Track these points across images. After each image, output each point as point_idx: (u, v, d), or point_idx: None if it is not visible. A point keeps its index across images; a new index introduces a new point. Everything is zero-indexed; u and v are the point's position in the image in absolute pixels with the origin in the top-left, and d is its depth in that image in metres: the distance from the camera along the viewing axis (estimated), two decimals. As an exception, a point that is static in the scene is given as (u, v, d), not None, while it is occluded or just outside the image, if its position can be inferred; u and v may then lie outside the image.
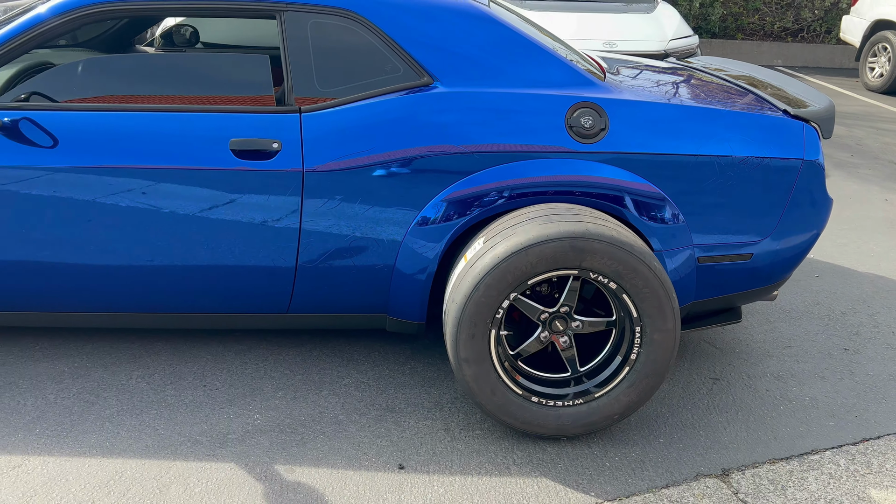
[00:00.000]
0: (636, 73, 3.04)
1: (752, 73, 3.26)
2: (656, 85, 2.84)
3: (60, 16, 2.41)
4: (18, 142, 2.37)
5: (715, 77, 3.13)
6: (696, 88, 2.87)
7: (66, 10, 2.41)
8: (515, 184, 2.43)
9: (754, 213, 2.57)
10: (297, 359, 2.79)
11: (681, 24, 5.95)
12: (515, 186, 2.43)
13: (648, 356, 2.29)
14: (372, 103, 2.44)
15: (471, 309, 2.21)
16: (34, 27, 2.40)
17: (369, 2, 2.49)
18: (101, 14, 2.43)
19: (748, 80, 3.06)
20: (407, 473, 2.22)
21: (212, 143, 2.39)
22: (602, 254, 2.19)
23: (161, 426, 2.37)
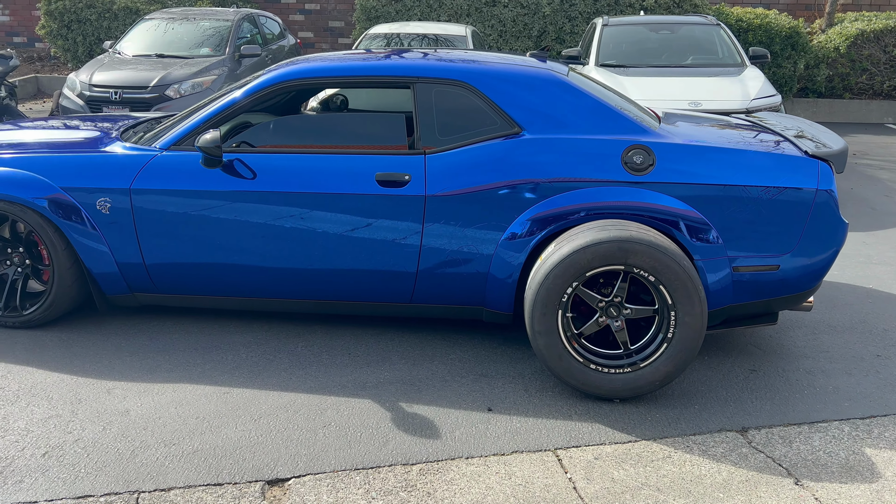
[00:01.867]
0: (690, 123, 3.78)
1: (798, 125, 3.91)
2: (702, 132, 3.57)
3: (274, 85, 3.49)
4: (231, 174, 3.43)
5: (760, 127, 3.82)
6: (736, 135, 3.58)
7: (274, 82, 3.49)
8: (582, 206, 3.23)
9: (779, 231, 3.22)
10: (417, 339, 3.65)
11: (764, 86, 6.56)
12: (582, 208, 3.22)
13: (682, 335, 2.98)
14: (476, 147, 3.34)
15: (543, 293, 3.01)
16: (253, 94, 3.48)
17: (476, 74, 3.42)
18: (296, 85, 3.49)
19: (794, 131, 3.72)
20: (493, 414, 3.01)
21: (364, 175, 3.36)
22: (642, 254, 2.94)
23: (320, 376, 3.29)
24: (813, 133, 3.69)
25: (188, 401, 3.06)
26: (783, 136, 3.60)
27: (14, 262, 3.72)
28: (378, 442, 2.79)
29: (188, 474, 2.58)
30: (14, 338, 3.60)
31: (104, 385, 3.17)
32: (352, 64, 3.55)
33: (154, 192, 3.45)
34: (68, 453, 2.69)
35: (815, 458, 2.74)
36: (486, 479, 2.59)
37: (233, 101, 3.51)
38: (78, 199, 3.50)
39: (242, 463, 2.65)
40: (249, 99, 3.49)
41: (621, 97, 3.83)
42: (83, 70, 8.05)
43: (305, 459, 2.68)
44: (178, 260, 3.52)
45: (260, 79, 3.55)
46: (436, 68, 3.47)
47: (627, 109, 3.54)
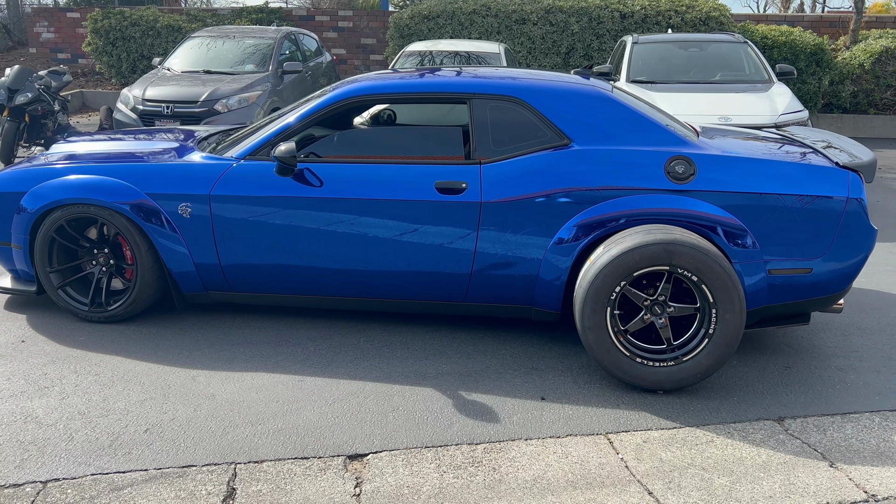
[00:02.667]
0: (726, 136, 4.04)
1: (827, 138, 4.15)
2: (738, 144, 3.82)
3: (342, 100, 3.80)
4: (302, 183, 3.73)
5: (794, 140, 4.07)
6: (770, 147, 3.83)
7: (342, 98, 3.80)
8: (627, 212, 3.49)
9: (811, 237, 3.46)
10: (469, 336, 3.92)
11: (791, 101, 6.79)
12: (627, 214, 3.49)
13: (722, 331, 3.23)
14: (528, 157, 3.62)
15: (593, 292, 3.27)
16: (322, 109, 3.80)
17: (528, 91, 3.71)
18: (362, 101, 3.80)
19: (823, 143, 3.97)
20: (546, 402, 3.27)
21: (424, 183, 3.65)
22: (686, 255, 3.19)
23: (383, 367, 3.57)
24: (841, 145, 3.93)
25: (267, 387, 3.35)
26: (813, 149, 3.85)
27: (100, 262, 4.05)
28: (444, 424, 3.06)
29: (276, 449, 2.86)
30: (101, 331, 3.92)
31: (188, 373, 3.47)
32: (413, 81, 3.86)
33: (231, 198, 3.76)
34: (167, 430, 2.98)
35: (848, 445, 2.97)
36: (545, 458, 2.84)
37: (304, 115, 3.82)
38: (161, 204, 3.82)
39: (324, 440, 2.93)
40: (319, 113, 3.80)
41: (661, 112, 4.10)
42: (136, 85, 8.46)
43: (380, 438, 2.95)
44: (251, 261, 3.83)
45: (326, 95, 3.86)
46: (490, 85, 3.76)
47: (669, 123, 3.81)
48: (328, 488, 2.64)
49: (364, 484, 2.67)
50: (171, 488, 2.61)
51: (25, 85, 8.47)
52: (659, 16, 11.33)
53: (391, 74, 4.08)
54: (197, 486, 2.62)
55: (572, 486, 2.67)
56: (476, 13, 11.57)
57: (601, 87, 3.83)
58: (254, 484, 2.65)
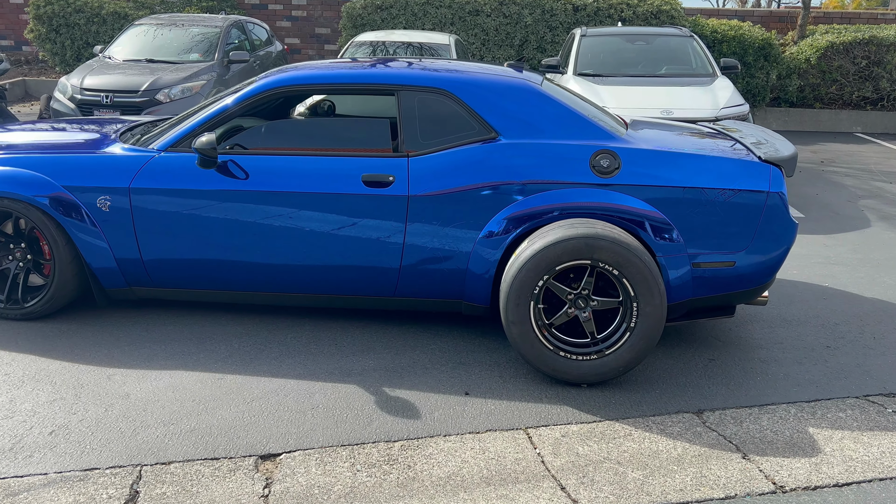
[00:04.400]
0: (655, 129, 4.05)
1: (755, 133, 4.19)
2: (665, 138, 3.84)
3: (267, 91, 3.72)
4: (225, 175, 3.64)
5: (721, 134, 4.10)
6: (697, 141, 3.85)
7: (266, 88, 3.72)
8: (554, 206, 3.48)
9: (734, 230, 3.49)
10: (400, 331, 3.89)
11: (733, 96, 6.87)
12: (554, 208, 3.48)
13: (643, 325, 3.24)
14: (455, 151, 3.58)
15: (517, 286, 3.26)
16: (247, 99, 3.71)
17: (456, 83, 3.67)
18: (287, 91, 3.72)
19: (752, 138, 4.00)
20: (470, 397, 3.25)
21: (350, 176, 3.59)
22: (607, 249, 3.19)
23: (308, 364, 3.51)
24: (768, 140, 3.97)
25: (184, 385, 3.27)
26: (741, 143, 3.88)
27: (16, 258, 3.91)
28: (363, 422, 3.02)
29: (186, 449, 2.79)
30: (16, 329, 3.79)
31: (104, 371, 3.37)
32: (340, 72, 3.79)
33: (152, 191, 3.66)
34: (74, 431, 2.89)
35: (763, 436, 3.00)
36: (462, 454, 2.82)
37: (226, 106, 3.73)
38: (79, 197, 3.70)
39: (237, 440, 2.86)
40: (243, 104, 3.72)
41: (593, 105, 4.10)
42: (74, 74, 8.22)
43: (295, 437, 2.90)
44: (174, 256, 3.73)
45: (252, 85, 3.78)
46: (419, 77, 3.71)
47: (596, 117, 3.81)
48: (236, 489, 2.58)
49: (274, 484, 2.62)
50: (71, 493, 2.53)
51: (-43, 73, 8.17)
52: (611, 8, 11.38)
53: (320, 64, 4.01)
54: (98, 490, 2.54)
55: (486, 483, 2.66)
56: (429, 4, 11.49)
57: (531, 81, 3.81)
58: (158, 486, 2.58)
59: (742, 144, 3.86)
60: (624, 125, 3.96)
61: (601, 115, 3.92)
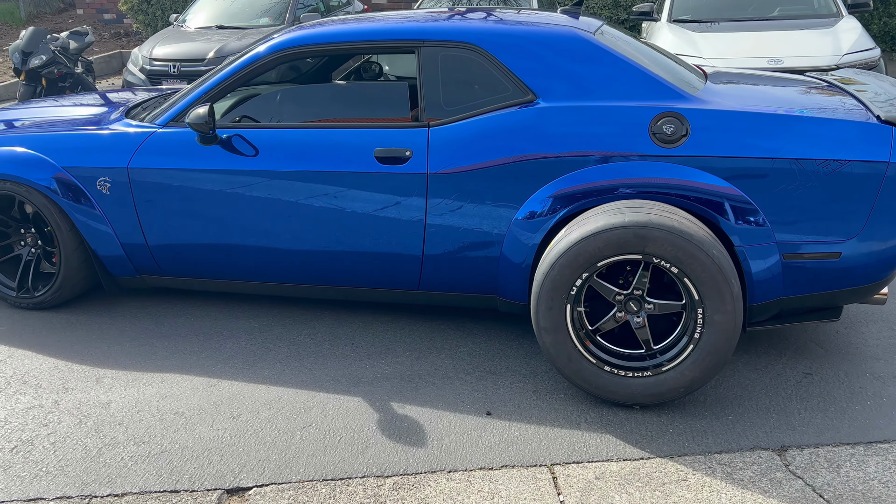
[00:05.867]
0: (744, 84, 3.26)
1: (882, 86, 3.31)
2: (752, 94, 3.05)
3: (271, 55, 3.23)
4: (229, 151, 3.21)
5: (832, 87, 3.25)
6: (795, 96, 3.04)
7: (269, 52, 3.23)
8: (603, 184, 2.82)
9: (839, 213, 2.71)
10: (427, 330, 3.37)
11: (860, 39, 5.76)
12: (603, 186, 2.82)
13: (710, 336, 2.55)
14: (484, 118, 2.97)
15: (548, 285, 2.65)
16: (248, 66, 3.24)
17: (486, 35, 3.05)
18: (293, 54, 3.22)
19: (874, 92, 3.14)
20: (492, 419, 2.69)
21: (363, 151, 3.06)
22: (662, 241, 2.52)
23: (315, 369, 3.07)
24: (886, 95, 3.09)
25: (173, 394, 2.90)
26: (856, 98, 3.04)
27: (27, 243, 3.68)
28: (357, 448, 2.54)
29: (147, 478, 2.41)
30: (26, 320, 3.57)
31: (95, 373, 3.07)
32: (352, 28, 3.24)
33: (151, 170, 3.29)
34: (37, 449, 2.58)
35: (867, 489, 2.28)
36: (465, 499, 2.29)
37: (227, 73, 3.28)
38: (79, 178, 3.39)
39: (207, 467, 2.46)
40: (245, 71, 3.25)
41: (668, 57, 3.35)
42: (146, 44, 8.11)
43: (274, 466, 2.46)
44: (179, 241, 3.37)
45: (255, 49, 3.30)
46: (441, 30, 3.11)
47: (668, 70, 3.07)
48: (185, 535, 2.18)
49: (232, 530, 2.19)
50: (2, 531, 2.21)
51: (39, 47, 8.24)
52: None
53: (333, 21, 3.47)
54: (32, 529, 2.21)
55: (487, 542, 2.12)
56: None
57: (581, 29, 3.12)
58: (100, 527, 2.22)
59: (858, 100, 3.02)
60: (704, 78, 3.20)
61: (674, 69, 3.17)
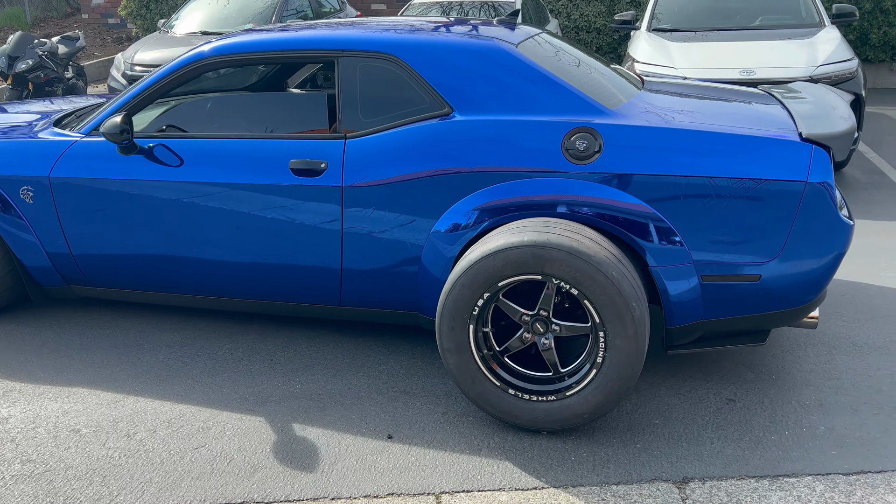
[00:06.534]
0: (675, 96, 3.16)
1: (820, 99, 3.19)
2: (679, 107, 2.95)
3: (189, 65, 3.18)
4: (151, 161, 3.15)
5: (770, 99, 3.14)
6: (722, 111, 2.93)
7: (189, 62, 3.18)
8: (515, 201, 2.73)
9: (757, 234, 2.60)
10: (351, 346, 3.29)
11: (837, 50, 5.60)
12: (515, 203, 2.73)
13: (613, 360, 2.45)
14: (401, 131, 2.89)
15: (450, 305, 2.56)
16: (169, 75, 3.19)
17: (405, 46, 2.97)
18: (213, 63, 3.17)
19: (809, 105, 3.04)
20: (392, 442, 2.60)
21: (278, 163, 3.00)
22: (560, 262, 2.42)
23: (227, 386, 3.00)
24: (833, 109, 2.98)
25: (75, 409, 2.84)
26: (790, 113, 2.93)
27: (-42, 252, 3.65)
28: (245, 472, 2.46)
29: (23, 499, 2.34)
30: (-47, 329, 3.54)
31: (4, 386, 3.02)
32: (272, 38, 3.18)
33: (72, 179, 3.24)
34: (-78, 465, 2.53)
35: (763, 528, 2.17)
36: (341, 528, 2.21)
37: (147, 84, 3.22)
38: (3, 187, 3.35)
39: (86, 489, 2.38)
40: (164, 81, 3.19)
41: (608, 67, 3.26)
42: (130, 49, 8.12)
43: (155, 489, 2.39)
44: (101, 251, 3.32)
45: (177, 59, 3.25)
46: (361, 40, 3.04)
47: (591, 84, 2.98)
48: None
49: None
50: None
51: (26, 52, 8.30)
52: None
53: (257, 30, 3.41)
54: None
55: (352, 576, 2.03)
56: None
57: (504, 41, 3.03)
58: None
59: (790, 114, 2.91)
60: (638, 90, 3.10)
61: (602, 82, 3.08)
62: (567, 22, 10.67)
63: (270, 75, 3.80)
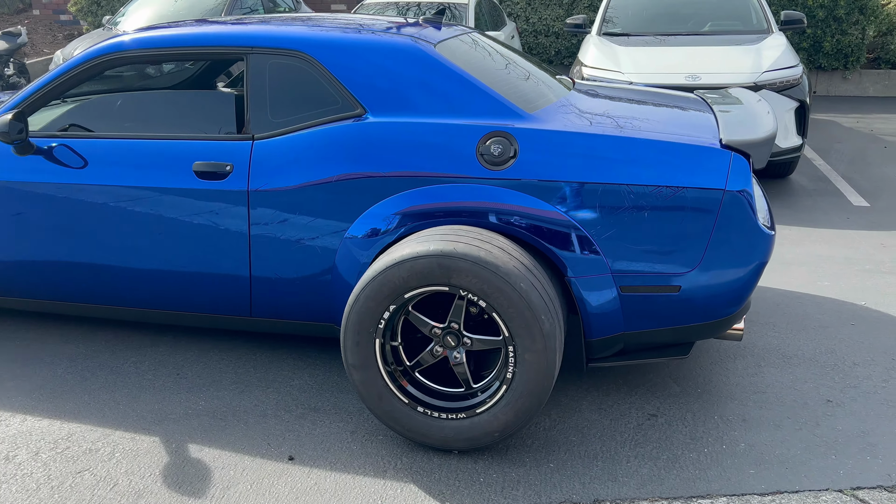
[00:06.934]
0: (601, 100, 3.06)
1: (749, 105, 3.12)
2: (604, 113, 2.84)
3: (87, 62, 3.01)
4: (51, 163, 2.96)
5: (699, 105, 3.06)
6: (645, 116, 2.83)
7: (89, 58, 3.00)
8: (426, 208, 2.60)
9: (675, 243, 2.50)
10: (265, 359, 3.12)
11: (783, 56, 5.58)
12: (426, 210, 2.59)
13: (522, 376, 2.33)
14: (310, 133, 2.75)
15: (354, 318, 2.41)
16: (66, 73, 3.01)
17: (318, 44, 2.82)
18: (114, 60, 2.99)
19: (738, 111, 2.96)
20: (293, 464, 2.45)
21: (182, 165, 2.83)
22: (467, 272, 2.29)
23: (125, 402, 2.82)
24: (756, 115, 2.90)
25: (-44, 429, 2.65)
26: (716, 119, 2.84)
27: None
28: (127, 499, 2.29)
29: None
30: None
31: None
32: (177, 34, 3.01)
33: (-35, 183, 3.04)
34: None
35: (671, 555, 2.06)
36: (223, 560, 2.05)
37: (44, 82, 3.03)
38: None
39: (-50, 518, 2.21)
40: (62, 79, 3.00)
41: (539, 69, 3.16)
42: (69, 46, 7.87)
43: (26, 517, 2.21)
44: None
45: (77, 56, 3.06)
46: (271, 37, 2.88)
47: (512, 86, 2.86)
48: None
49: None
50: None
51: (-39, 48, 8.01)
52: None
53: (163, 26, 3.23)
54: None
55: None
56: (469, -39, 10.46)
57: (422, 40, 2.90)
58: None
59: (716, 120, 2.83)
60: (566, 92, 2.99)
61: (525, 84, 2.96)
62: (525, 25, 10.61)
63: (182, 73, 3.63)
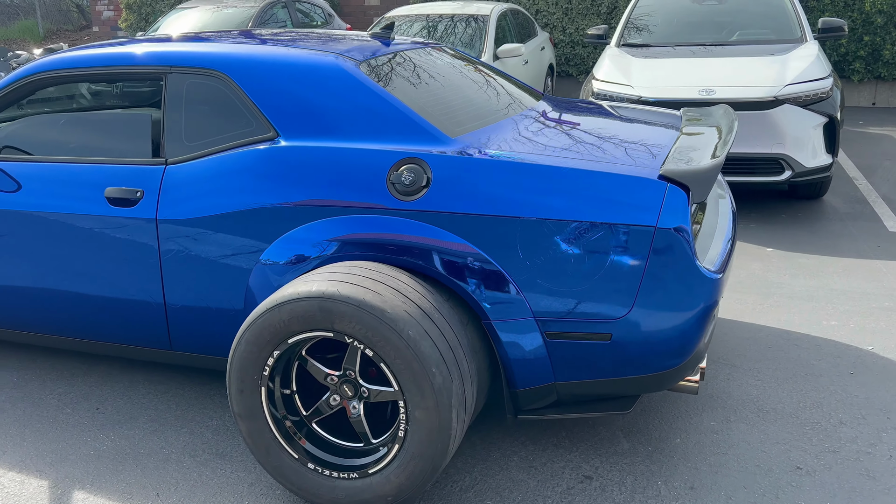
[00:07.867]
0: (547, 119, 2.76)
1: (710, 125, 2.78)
2: (541, 134, 2.55)
3: (14, 83, 2.92)
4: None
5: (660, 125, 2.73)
6: (589, 140, 2.52)
7: (15, 79, 2.91)
8: (335, 240, 2.37)
9: (603, 286, 2.19)
10: (192, 396, 2.95)
11: (810, 67, 5.10)
12: (335, 242, 2.36)
13: (414, 435, 2.06)
14: (221, 157, 2.56)
15: (236, 364, 2.20)
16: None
17: (234, 63, 2.64)
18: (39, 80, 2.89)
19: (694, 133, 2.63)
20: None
21: (94, 191, 2.69)
22: (350, 317, 2.04)
23: (30, 440, 2.68)
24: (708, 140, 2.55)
25: None
26: (669, 143, 2.52)
27: None
28: (-11, 551, 2.14)
29: None
30: None
31: None
32: (99, 54, 2.87)
33: None
34: None
35: None
36: None
37: (-23, 96, 2.95)
38: None
39: None
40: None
41: (506, 84, 2.91)
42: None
43: None
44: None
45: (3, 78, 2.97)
46: (188, 56, 2.71)
47: (443, 106, 2.60)
48: None
49: None
50: None
51: None
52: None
53: (89, 46, 3.10)
54: None
55: None
56: (504, -29, 10.22)
57: (346, 58, 2.67)
58: None
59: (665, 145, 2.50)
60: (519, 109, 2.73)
61: (464, 104, 2.70)
62: (563, 36, 10.29)
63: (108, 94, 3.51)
